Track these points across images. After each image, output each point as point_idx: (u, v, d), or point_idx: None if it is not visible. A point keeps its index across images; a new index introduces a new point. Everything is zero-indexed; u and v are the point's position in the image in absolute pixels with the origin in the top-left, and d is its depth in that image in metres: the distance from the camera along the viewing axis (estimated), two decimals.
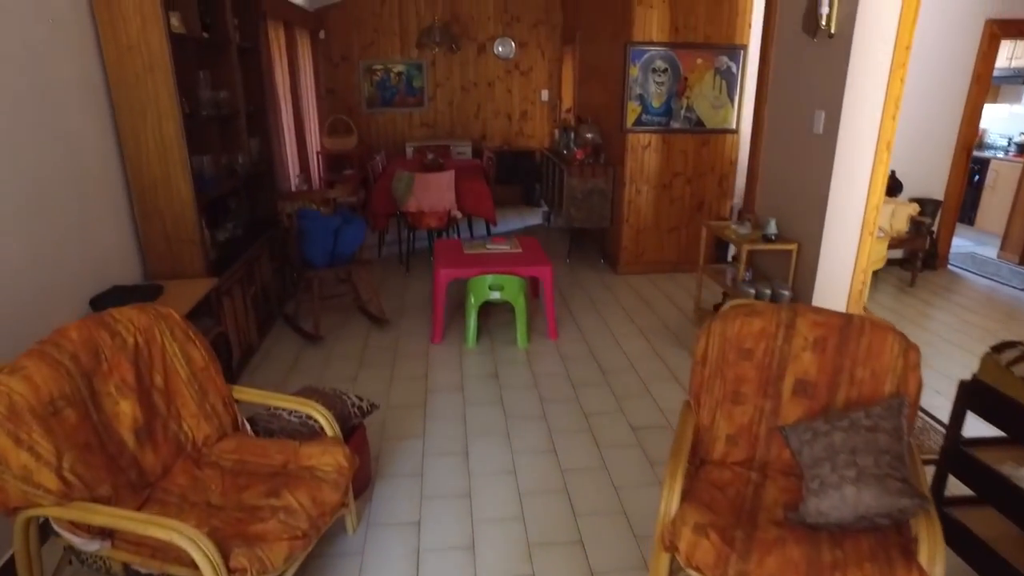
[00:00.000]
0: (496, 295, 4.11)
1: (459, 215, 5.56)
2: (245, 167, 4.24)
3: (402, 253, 5.99)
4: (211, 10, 3.90)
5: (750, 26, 5.20)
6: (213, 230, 4.08)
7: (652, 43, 5.11)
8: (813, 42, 3.59)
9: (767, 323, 2.23)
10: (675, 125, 5.34)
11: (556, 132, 7.06)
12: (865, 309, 3.84)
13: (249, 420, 2.50)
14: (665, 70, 5.18)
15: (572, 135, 6.05)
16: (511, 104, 8.27)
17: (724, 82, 5.29)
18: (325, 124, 7.57)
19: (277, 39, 5.96)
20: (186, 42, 3.40)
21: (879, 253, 4.83)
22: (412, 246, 5.87)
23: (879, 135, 3.37)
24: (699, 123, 5.36)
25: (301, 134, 6.62)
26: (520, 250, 4.50)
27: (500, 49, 8.03)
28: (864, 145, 3.41)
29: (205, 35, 3.80)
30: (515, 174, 8.07)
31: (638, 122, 5.29)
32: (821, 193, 3.58)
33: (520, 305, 4.13)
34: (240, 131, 4.19)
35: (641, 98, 5.23)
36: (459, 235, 6.16)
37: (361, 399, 2.74)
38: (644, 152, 5.39)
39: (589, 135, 5.76)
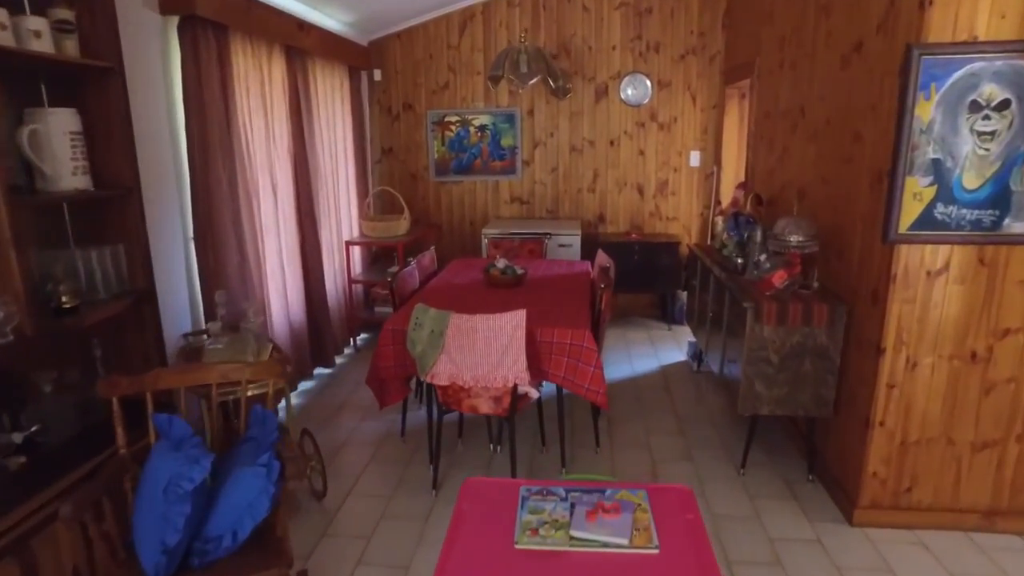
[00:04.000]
0: None
1: (534, 393, 2.88)
2: (17, 320, 1.85)
3: (432, 450, 3.14)
4: None
5: None
6: None
7: (977, 44, 2.25)
8: None
9: None
10: (1015, 227, 2.38)
11: (718, 220, 4.27)
12: None
13: None
14: (1004, 105, 2.28)
15: (756, 234, 3.23)
16: (644, 171, 5.59)
17: None
18: (365, 201, 5.28)
19: (260, 70, 3.71)
20: None
21: None
22: (436, 433, 3.23)
23: None
24: None
25: (312, 220, 4.31)
26: (655, 549, 1.73)
27: (630, 92, 5.43)
28: None
29: None
30: (648, 275, 5.30)
31: (926, 220, 2.39)
32: None
33: None
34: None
35: (937, 168, 2.35)
36: (542, 428, 3.42)
37: None
38: (933, 282, 2.47)
39: (794, 239, 2.91)
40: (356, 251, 5.26)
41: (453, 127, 5.66)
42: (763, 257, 2.97)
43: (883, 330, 2.53)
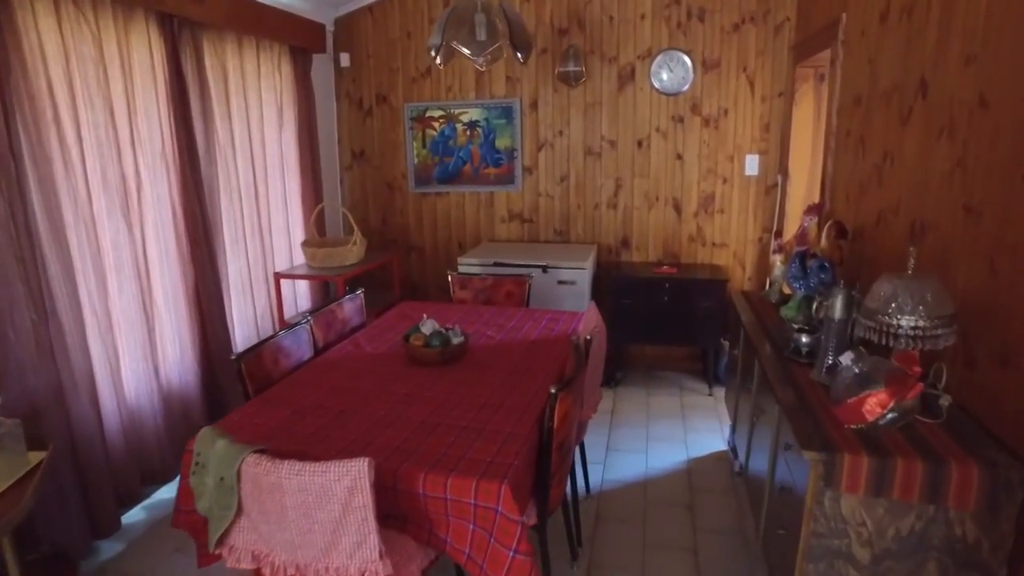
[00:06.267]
0: None
1: None
2: None
3: None
4: None
5: None
6: None
7: None
8: None
9: None
10: None
11: (775, 260, 2.87)
12: None
13: None
14: None
15: (836, 301, 1.83)
16: (682, 182, 4.19)
17: None
18: (310, 220, 4.11)
19: (96, 45, 2.57)
20: None
21: None
22: None
23: None
24: None
25: (209, 250, 3.18)
26: None
27: (664, 76, 4.05)
28: None
29: None
30: (683, 323, 3.92)
31: None
32: None
33: None
34: None
35: None
36: None
37: None
38: None
39: (909, 322, 1.52)
40: (302, 285, 4.13)
41: (436, 124, 4.44)
42: (848, 359, 1.57)
43: None
